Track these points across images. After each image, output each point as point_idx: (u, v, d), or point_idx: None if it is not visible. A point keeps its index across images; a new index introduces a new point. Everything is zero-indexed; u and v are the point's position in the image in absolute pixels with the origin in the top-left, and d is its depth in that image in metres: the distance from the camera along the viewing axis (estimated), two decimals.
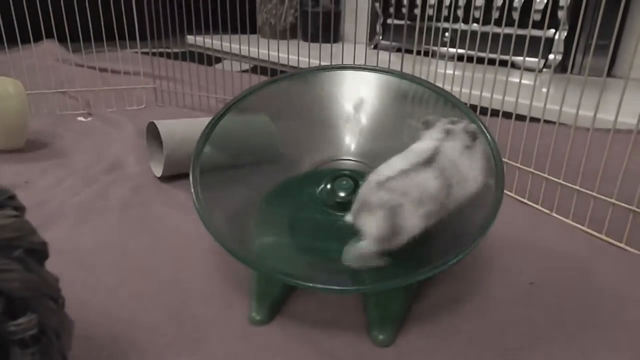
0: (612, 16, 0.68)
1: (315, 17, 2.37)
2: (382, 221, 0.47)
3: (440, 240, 0.55)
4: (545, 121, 0.78)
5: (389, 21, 2.31)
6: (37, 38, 1.24)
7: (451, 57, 0.91)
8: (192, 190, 0.57)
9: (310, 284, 0.48)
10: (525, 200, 0.82)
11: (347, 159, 0.68)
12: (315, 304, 0.55)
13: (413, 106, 0.67)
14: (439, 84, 0.67)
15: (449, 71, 0.89)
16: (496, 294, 0.57)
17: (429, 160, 0.49)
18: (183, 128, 0.85)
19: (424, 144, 0.52)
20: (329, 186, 0.63)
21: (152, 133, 0.89)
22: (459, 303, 0.55)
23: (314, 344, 0.49)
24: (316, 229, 0.61)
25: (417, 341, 0.49)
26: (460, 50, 0.90)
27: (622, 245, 0.68)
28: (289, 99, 0.71)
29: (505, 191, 0.80)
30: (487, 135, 0.59)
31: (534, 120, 0.78)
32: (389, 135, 0.67)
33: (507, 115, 0.85)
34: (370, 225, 0.47)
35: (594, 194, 0.71)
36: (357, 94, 0.70)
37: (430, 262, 0.49)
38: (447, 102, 0.63)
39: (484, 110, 0.84)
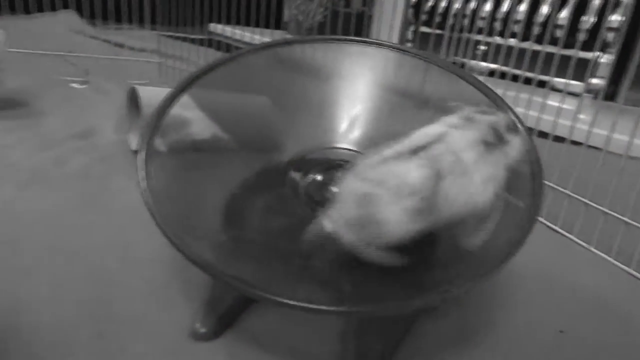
0: None
1: (346, 17, 2.27)
2: (351, 207, 0.38)
3: (450, 263, 0.43)
4: (589, 146, 0.65)
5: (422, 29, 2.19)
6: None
7: (483, 72, 0.82)
8: (139, 173, 0.43)
9: (275, 298, 0.36)
10: (556, 228, 0.68)
11: (345, 147, 0.55)
12: (277, 321, 0.42)
13: (433, 92, 0.54)
14: None
15: None
16: (516, 338, 0.44)
17: (420, 148, 0.39)
18: None
19: (428, 130, 0.41)
20: (319, 177, 0.51)
21: (134, 101, 0.78)
22: (468, 345, 0.42)
23: None
24: (294, 227, 0.48)
25: None
26: (493, 65, 0.80)
27: None
28: (276, 74, 0.59)
29: None
30: (526, 137, 0.46)
31: (575, 143, 0.67)
32: (399, 121, 0.54)
33: (541, 134, 0.72)
34: (340, 210, 0.39)
35: None
36: (363, 73, 0.57)
37: (436, 286, 0.37)
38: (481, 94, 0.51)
39: None
